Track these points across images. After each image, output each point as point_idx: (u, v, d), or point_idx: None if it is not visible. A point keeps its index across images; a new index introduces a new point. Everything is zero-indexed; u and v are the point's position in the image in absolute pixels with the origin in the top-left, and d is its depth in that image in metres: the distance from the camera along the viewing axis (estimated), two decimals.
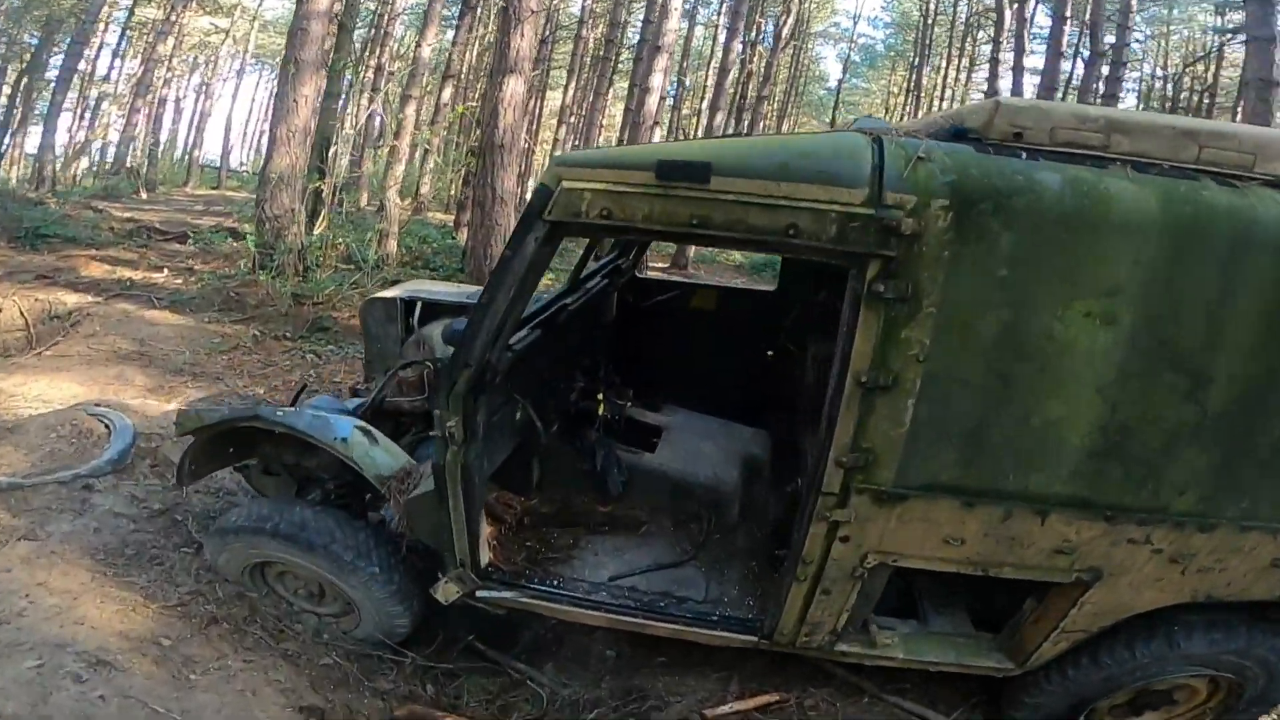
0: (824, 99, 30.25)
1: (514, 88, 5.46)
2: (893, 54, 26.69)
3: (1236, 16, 17.32)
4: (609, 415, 2.99)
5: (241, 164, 26.16)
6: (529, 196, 1.86)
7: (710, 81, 20.05)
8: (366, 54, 15.57)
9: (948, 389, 1.58)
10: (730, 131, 15.67)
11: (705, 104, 17.64)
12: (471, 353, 1.81)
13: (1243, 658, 1.88)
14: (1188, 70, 20.81)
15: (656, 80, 8.66)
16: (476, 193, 5.70)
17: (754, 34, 14.88)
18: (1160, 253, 1.46)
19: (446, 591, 2.17)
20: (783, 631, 2.01)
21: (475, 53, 17.40)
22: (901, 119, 25.86)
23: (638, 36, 15.48)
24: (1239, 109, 19.74)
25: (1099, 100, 16.18)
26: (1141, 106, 19.10)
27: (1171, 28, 21.55)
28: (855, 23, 26.68)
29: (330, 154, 10.49)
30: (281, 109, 7.72)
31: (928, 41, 21.41)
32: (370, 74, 15.73)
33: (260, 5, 21.66)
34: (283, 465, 2.66)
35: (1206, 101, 19.76)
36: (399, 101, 8.67)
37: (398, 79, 16.12)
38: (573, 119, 16.68)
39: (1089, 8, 14.07)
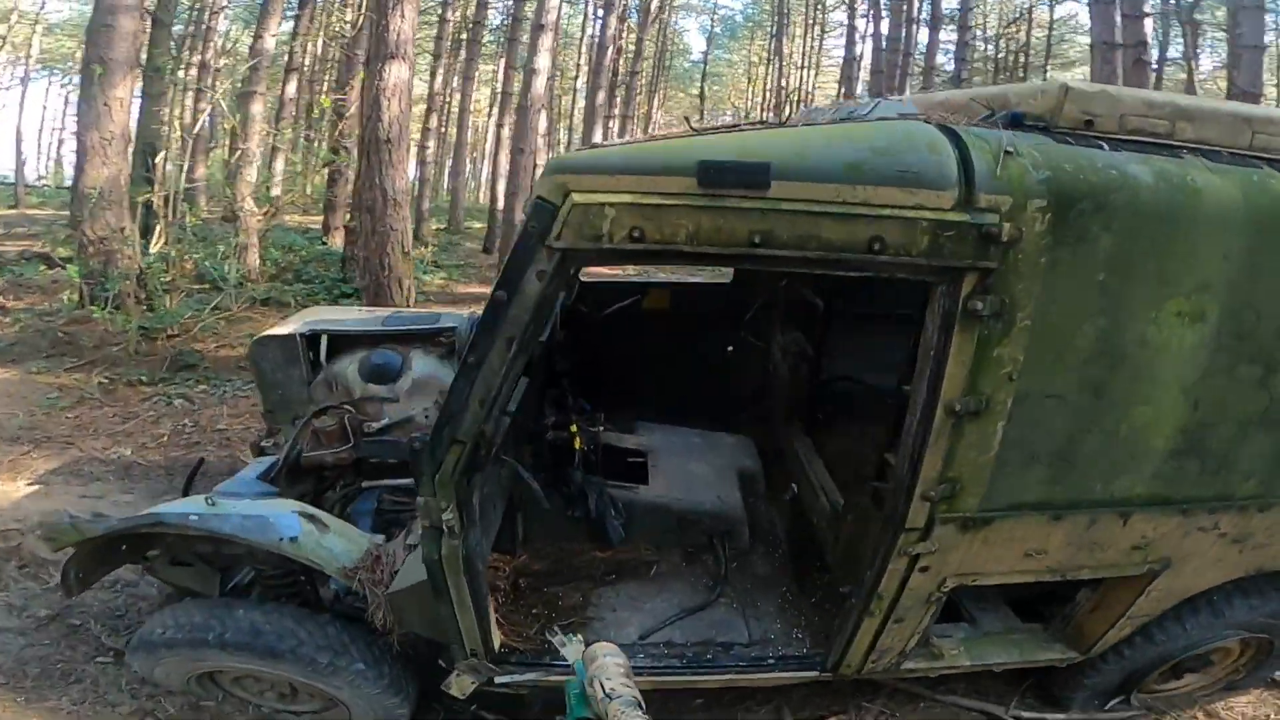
0: (689, 71, 30.55)
1: (397, 74, 4.79)
2: (751, 24, 27.26)
3: None
4: (586, 447, 2.67)
5: (40, 177, 22.26)
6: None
7: (578, 61, 19.50)
8: (188, 51, 13.59)
9: (1038, 406, 1.43)
10: (613, 111, 15.30)
11: (579, 83, 17.16)
12: (461, 425, 1.44)
13: (1274, 618, 1.95)
14: (1005, 32, 22.88)
15: (543, 61, 8.09)
16: (363, 195, 5.00)
17: (622, 9, 14.53)
18: (1244, 244, 1.37)
19: (461, 685, 1.83)
20: (849, 664, 1.85)
21: (319, 44, 15.73)
22: (765, 91, 26.60)
23: (504, 18, 14.67)
24: (1048, 69, 22.08)
25: (946, 67, 17.45)
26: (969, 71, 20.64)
27: None
28: None
29: (157, 161, 9.02)
30: (90, 115, 6.45)
31: (785, 10, 22.01)
32: (194, 72, 13.79)
33: (42, 8, 18.47)
34: (195, 555, 2.14)
35: (1023, 60, 21.88)
36: (236, 100, 7.48)
37: (230, 75, 14.17)
38: (442, 104, 15.51)
39: None
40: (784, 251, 1.27)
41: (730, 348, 3.38)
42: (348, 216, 8.68)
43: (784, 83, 23.60)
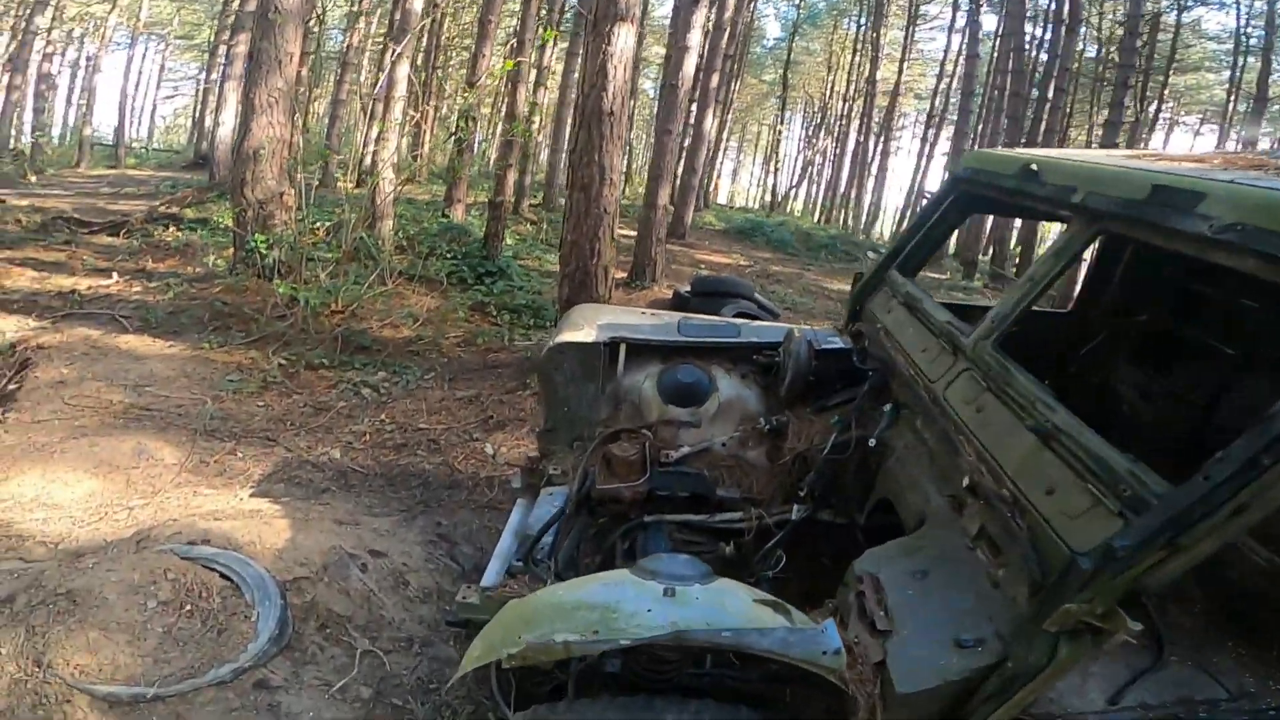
0: (761, 57, 29.55)
1: (626, 40, 4.28)
2: (836, 11, 26.09)
3: None
4: None
5: (133, 139, 22.74)
6: None
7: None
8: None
9: None
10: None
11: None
12: (1191, 530, 1.19)
13: None
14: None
15: (695, 38, 7.48)
16: (578, 172, 4.52)
17: None
18: None
19: None
20: None
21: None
22: (849, 82, 25.33)
23: None
24: (1170, 74, 20.47)
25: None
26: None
27: None
28: None
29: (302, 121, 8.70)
30: (260, 69, 6.14)
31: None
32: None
33: None
34: None
35: (1142, 64, 20.36)
36: (387, 64, 7.11)
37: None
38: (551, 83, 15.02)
39: None
40: None
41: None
42: (490, 190, 8.19)
43: (877, 74, 22.51)
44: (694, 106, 12.23)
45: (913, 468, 2.10)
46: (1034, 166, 2.08)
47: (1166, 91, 21.84)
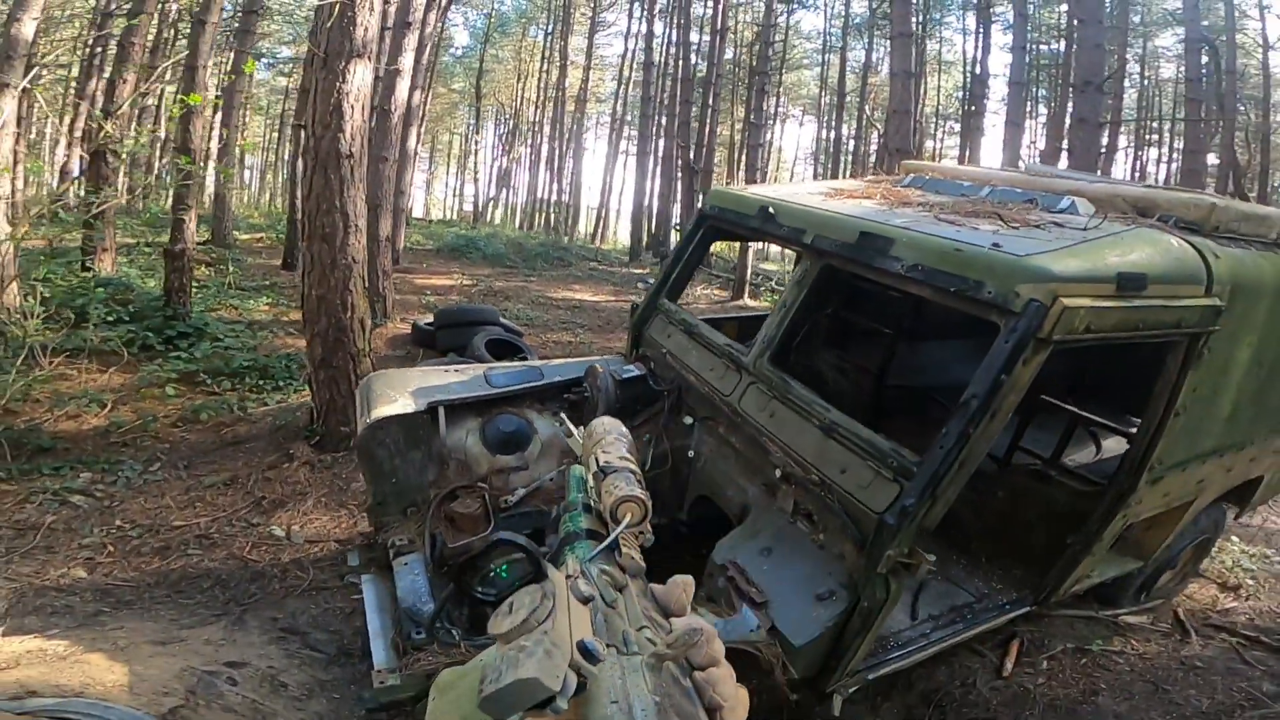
0: (450, 65, 29.23)
1: (362, 77, 4.12)
2: (524, 19, 27.02)
3: None
4: None
5: None
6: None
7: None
8: None
9: (1195, 406, 2.24)
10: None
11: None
12: (941, 484, 1.70)
13: (1214, 526, 3.10)
14: (756, 39, 25.97)
15: (407, 61, 7.40)
16: (318, 221, 4.26)
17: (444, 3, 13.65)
18: (1273, 302, 2.30)
19: (838, 705, 2.03)
20: (1058, 595, 2.52)
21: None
22: (540, 89, 26.59)
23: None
24: (783, 73, 25.26)
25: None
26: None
27: None
28: None
29: None
30: None
31: (568, 7, 22.44)
32: None
33: None
34: None
35: (768, 66, 25.15)
36: None
37: None
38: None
39: None
40: (1147, 332, 1.83)
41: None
42: (144, 228, 6.90)
43: (565, 81, 24.16)
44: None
45: (724, 466, 2.45)
46: (771, 210, 2.55)
47: (781, 89, 26.37)
